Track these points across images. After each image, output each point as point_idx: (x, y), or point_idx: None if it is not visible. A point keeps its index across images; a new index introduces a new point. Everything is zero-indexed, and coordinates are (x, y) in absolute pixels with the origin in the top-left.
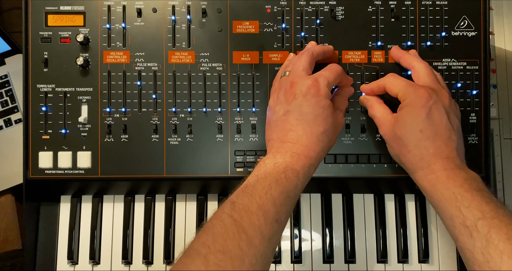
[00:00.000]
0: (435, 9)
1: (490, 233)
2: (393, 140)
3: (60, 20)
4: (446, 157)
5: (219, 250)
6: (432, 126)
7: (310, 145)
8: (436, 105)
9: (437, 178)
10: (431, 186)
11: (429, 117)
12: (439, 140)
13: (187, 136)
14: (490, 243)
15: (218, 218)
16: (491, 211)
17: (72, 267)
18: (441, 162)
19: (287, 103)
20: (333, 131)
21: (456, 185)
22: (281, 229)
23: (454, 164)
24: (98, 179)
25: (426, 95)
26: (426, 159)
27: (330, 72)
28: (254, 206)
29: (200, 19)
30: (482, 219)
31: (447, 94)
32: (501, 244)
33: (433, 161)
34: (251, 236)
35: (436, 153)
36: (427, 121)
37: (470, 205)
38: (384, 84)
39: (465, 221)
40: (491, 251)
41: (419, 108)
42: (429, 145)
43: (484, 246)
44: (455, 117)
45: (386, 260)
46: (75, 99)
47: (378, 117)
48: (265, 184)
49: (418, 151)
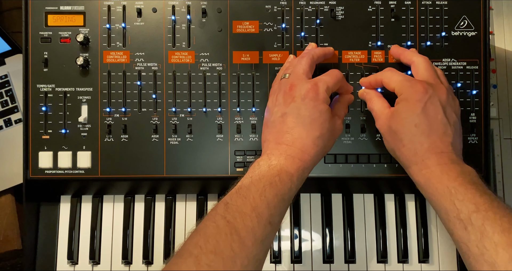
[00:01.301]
0: (435, 9)
1: (484, 225)
2: (388, 134)
3: (60, 20)
4: (441, 152)
5: (211, 251)
6: (427, 121)
7: (305, 148)
8: (431, 100)
9: (431, 173)
10: (426, 181)
11: (425, 112)
12: (434, 134)
13: (187, 135)
14: (485, 235)
15: (211, 219)
16: (485, 204)
17: (72, 267)
18: (435, 156)
19: (285, 105)
20: (329, 137)
21: (450, 179)
22: (274, 231)
23: (448, 158)
24: (98, 179)
25: (422, 90)
26: (420, 154)
27: (330, 77)
28: (248, 207)
29: (200, 19)
30: (476, 212)
31: (445, 89)
32: (495, 236)
33: (427, 155)
34: (244, 238)
35: (430, 148)
36: (422, 116)
37: (464, 198)
38: (381, 78)
39: (459, 214)
40: (486, 244)
41: (415, 102)
42: (423, 139)
43: (479, 238)
44: (452, 112)
45: (386, 260)
46: (75, 99)
47: (376, 110)
48: (259, 186)
49: (413, 145)
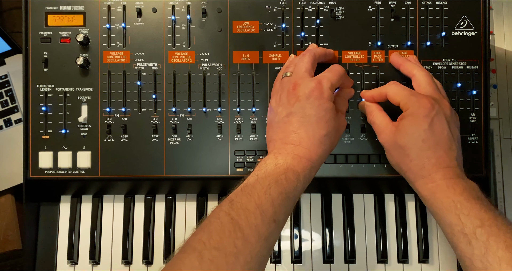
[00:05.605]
0: (435, 9)
1: (488, 240)
2: (394, 149)
3: (60, 20)
4: (447, 166)
5: (214, 247)
6: (434, 136)
7: (312, 148)
8: (438, 115)
9: (437, 187)
10: (431, 194)
11: (431, 127)
12: (440, 149)
13: (187, 135)
14: (489, 250)
15: (216, 215)
16: (489, 219)
17: (72, 267)
18: (442, 171)
19: (290, 105)
20: (335, 134)
21: (456, 193)
22: (278, 229)
23: (454, 173)
24: (98, 179)
25: (429, 106)
26: (427, 168)
27: (333, 74)
28: (252, 205)
29: (200, 19)
30: (481, 227)
31: (448, 104)
32: (499, 251)
33: (434, 170)
34: (247, 235)
35: (437, 163)
36: (429, 132)
37: (469, 213)
38: (386, 92)
39: (464, 228)
40: (490, 259)
41: (422, 118)
42: (430, 154)
43: (483, 253)
44: (455, 127)
45: (386, 260)
46: (75, 99)
47: (378, 124)
48: (264, 184)
49: (420, 160)
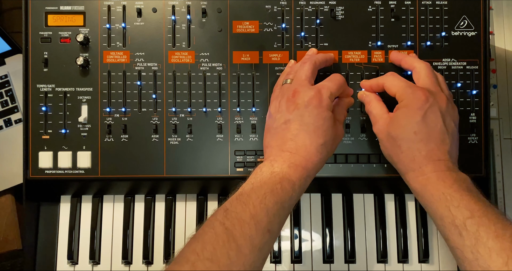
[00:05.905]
0: (435, 9)
1: (479, 231)
2: (386, 139)
3: (60, 20)
4: (438, 159)
5: (207, 258)
6: (426, 129)
7: (308, 156)
8: (432, 108)
9: (427, 179)
10: (422, 187)
11: (424, 120)
12: (432, 142)
13: (187, 135)
14: (479, 241)
15: (210, 225)
16: (479, 210)
17: (72, 267)
18: (432, 164)
19: (289, 112)
20: (332, 143)
21: (446, 185)
22: (273, 239)
23: (445, 166)
24: (98, 179)
25: (423, 98)
26: (418, 161)
27: (333, 83)
28: (247, 215)
29: (200, 19)
30: (471, 218)
31: (445, 97)
32: (489, 241)
33: (424, 162)
34: (241, 245)
35: (428, 156)
36: (422, 124)
37: (459, 204)
38: (383, 83)
39: (454, 220)
40: (480, 249)
41: (415, 110)
42: (422, 147)
43: (473, 244)
44: (451, 121)
45: (386, 260)
46: (75, 99)
47: (374, 114)
48: (260, 193)
49: (411, 152)
